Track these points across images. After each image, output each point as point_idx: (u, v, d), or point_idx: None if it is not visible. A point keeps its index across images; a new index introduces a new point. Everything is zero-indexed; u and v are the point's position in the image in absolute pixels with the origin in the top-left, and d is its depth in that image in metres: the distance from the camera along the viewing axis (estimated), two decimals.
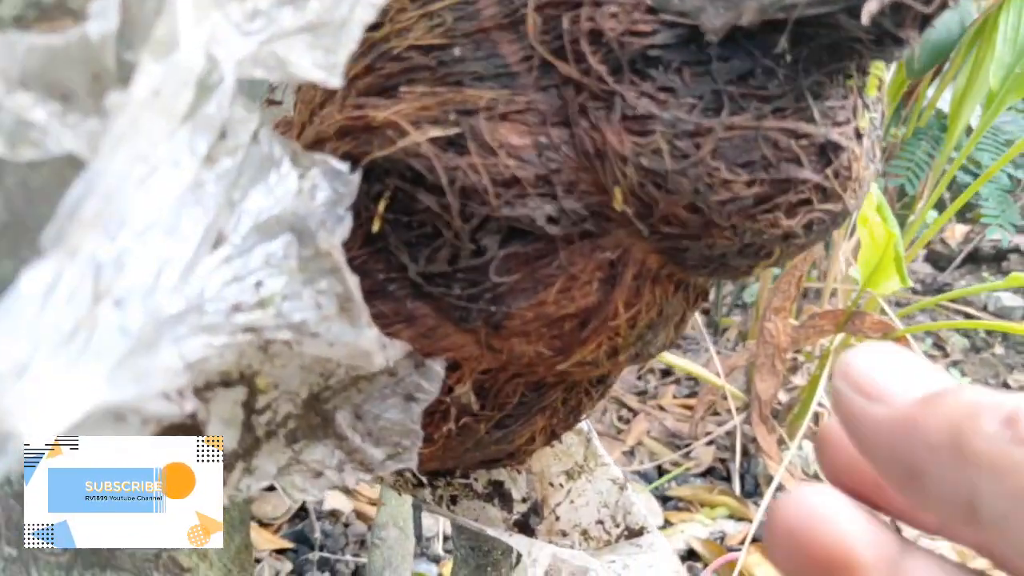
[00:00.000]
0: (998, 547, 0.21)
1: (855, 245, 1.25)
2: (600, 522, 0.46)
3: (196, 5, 0.22)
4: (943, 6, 0.30)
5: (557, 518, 0.47)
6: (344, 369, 0.33)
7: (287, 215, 0.27)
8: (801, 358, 1.43)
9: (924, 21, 0.30)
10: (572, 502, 0.46)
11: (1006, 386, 1.68)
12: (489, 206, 0.31)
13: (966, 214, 2.10)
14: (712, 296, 1.85)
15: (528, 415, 0.39)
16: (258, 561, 0.99)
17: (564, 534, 0.46)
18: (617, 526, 0.45)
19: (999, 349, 1.73)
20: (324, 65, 0.25)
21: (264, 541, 1.03)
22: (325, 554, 1.02)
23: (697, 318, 1.60)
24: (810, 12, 0.29)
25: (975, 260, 2.10)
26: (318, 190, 0.29)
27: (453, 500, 0.46)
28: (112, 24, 0.22)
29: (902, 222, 1.66)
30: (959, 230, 2.15)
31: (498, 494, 0.47)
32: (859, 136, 0.33)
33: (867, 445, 0.24)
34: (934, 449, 0.22)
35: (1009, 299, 1.75)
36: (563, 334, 0.35)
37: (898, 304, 1.78)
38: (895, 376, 0.24)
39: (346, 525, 1.08)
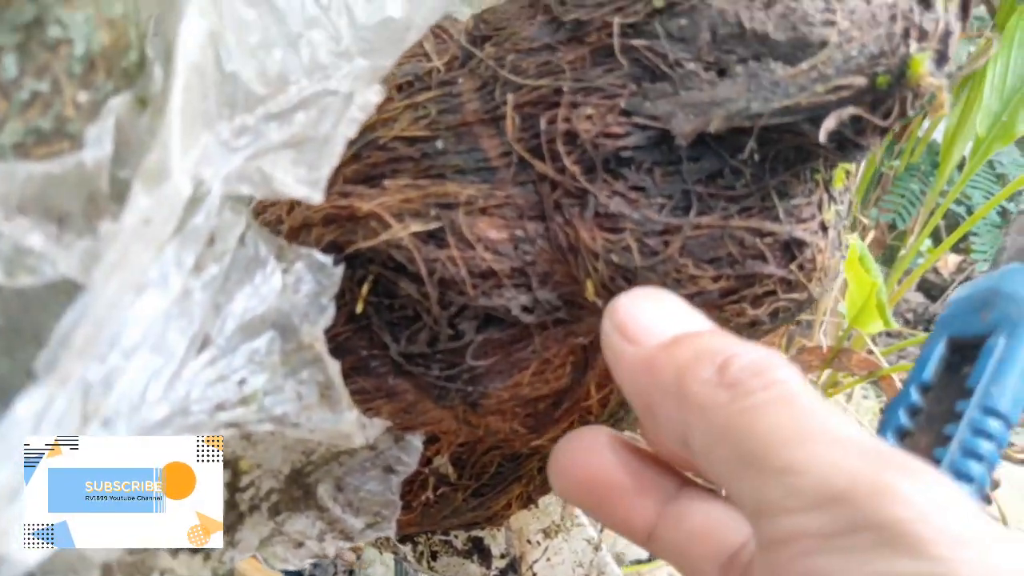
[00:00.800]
0: (707, 474, 0.25)
1: (845, 281, 1.26)
2: None
3: (186, 131, 0.24)
4: (901, 116, 0.31)
5: (534, 575, 0.48)
6: (325, 447, 0.34)
7: (271, 313, 0.28)
8: None
9: (884, 131, 0.32)
10: (549, 560, 0.48)
11: None
12: (467, 295, 0.33)
13: (959, 244, 2.11)
14: None
15: (505, 484, 0.41)
16: None
17: None
18: None
19: None
20: (307, 181, 0.26)
21: (253, 570, 1.04)
22: None
23: None
24: (774, 121, 0.30)
25: None
26: (302, 283, 0.30)
27: (434, 556, 0.48)
28: (106, 150, 0.23)
29: (894, 254, 1.68)
30: (952, 260, 2.16)
31: (477, 550, 0.48)
32: (824, 229, 0.35)
33: (621, 381, 0.27)
34: (663, 389, 0.26)
35: None
36: (537, 413, 0.36)
37: (889, 335, 1.79)
38: (651, 320, 0.27)
39: (337, 555, 1.09)
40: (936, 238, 1.83)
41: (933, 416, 0.34)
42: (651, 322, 0.27)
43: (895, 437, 0.34)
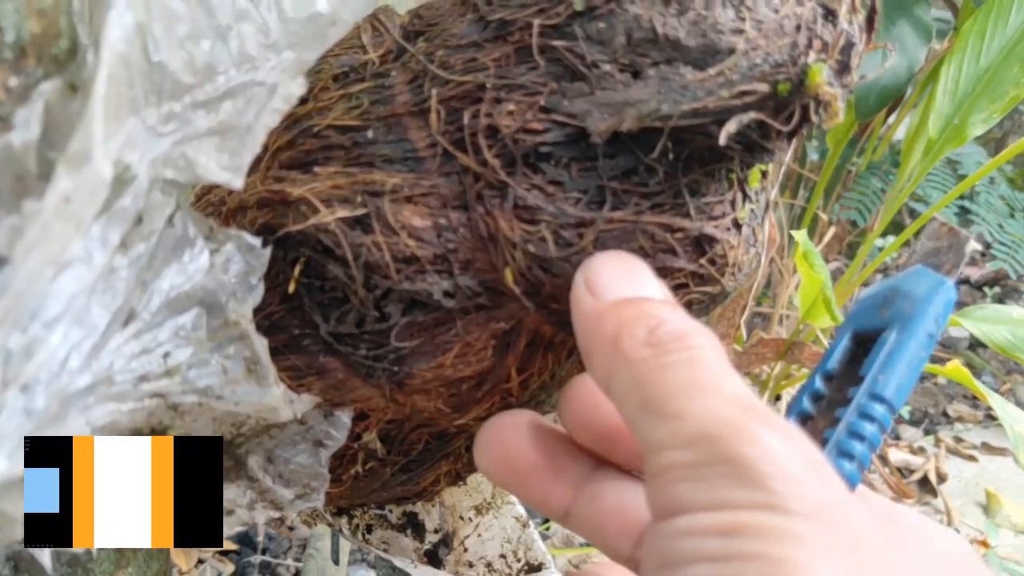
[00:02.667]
0: (621, 415, 0.29)
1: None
2: (503, 556, 0.49)
3: (110, 117, 0.25)
4: (804, 122, 0.33)
5: (465, 550, 0.50)
6: (255, 420, 0.36)
7: (197, 290, 0.30)
8: (748, 382, 1.47)
9: (790, 135, 0.34)
10: (480, 535, 0.50)
11: (945, 415, 1.73)
12: (390, 279, 0.34)
13: None
14: None
15: (432, 460, 0.42)
16: (201, 562, 1.01)
17: (471, 565, 0.49)
18: (518, 560, 0.49)
19: (940, 380, 1.79)
20: (229, 167, 0.27)
21: None
22: (267, 558, 1.05)
23: None
24: (683, 122, 0.32)
25: None
26: (232, 263, 0.32)
27: (368, 529, 0.50)
28: (34, 133, 0.25)
29: (855, 250, 1.71)
30: None
31: (412, 525, 0.50)
32: (738, 226, 0.37)
33: (574, 324, 0.32)
34: (602, 338, 0.30)
35: (956, 330, 1.81)
36: (460, 393, 0.38)
37: None
38: (614, 279, 0.31)
39: (291, 529, 1.11)
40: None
41: (832, 402, 0.36)
42: (614, 281, 0.31)
43: (797, 420, 0.36)
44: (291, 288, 0.37)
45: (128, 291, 0.27)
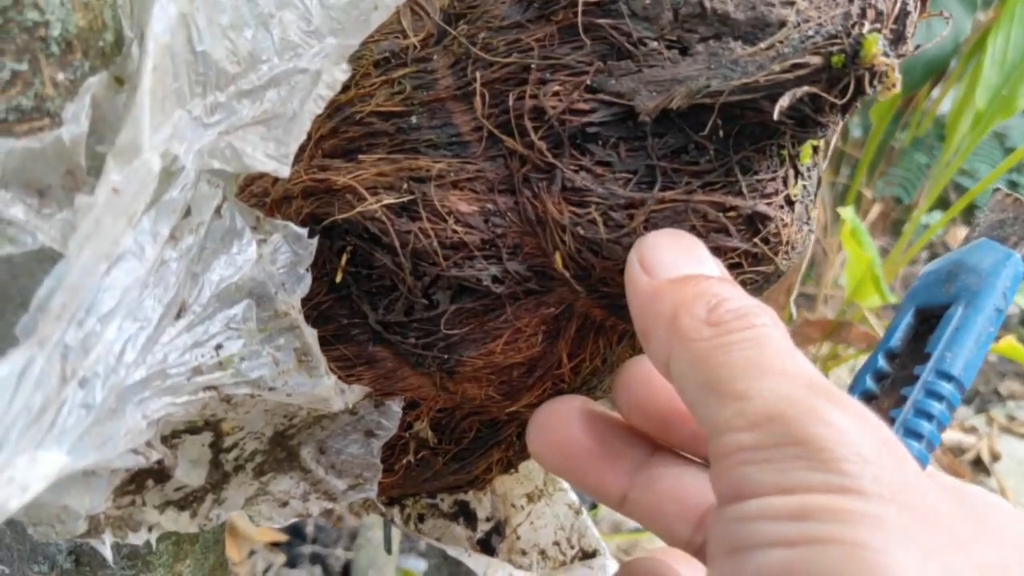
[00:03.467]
0: (681, 398, 0.28)
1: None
2: (556, 543, 0.49)
3: (157, 109, 0.25)
4: (859, 94, 0.32)
5: (518, 537, 0.49)
6: (306, 411, 0.36)
7: (247, 281, 0.30)
8: None
9: (844, 108, 0.33)
10: (532, 523, 0.49)
11: (997, 393, 1.70)
12: (439, 266, 0.34)
13: (969, 218, 2.11)
14: None
15: (484, 449, 0.42)
16: (252, 553, 1.02)
17: (524, 553, 0.49)
18: (572, 548, 0.48)
19: (992, 357, 1.75)
20: (275, 156, 0.27)
21: (259, 534, 1.06)
22: (317, 548, 1.06)
23: None
24: (734, 98, 0.31)
25: None
26: (279, 253, 0.32)
27: (420, 519, 0.49)
28: (83, 128, 0.25)
29: (900, 227, 1.68)
30: (960, 233, 2.16)
31: (464, 513, 0.50)
32: (790, 203, 0.36)
33: (630, 305, 0.31)
34: (660, 317, 0.29)
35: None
36: (511, 380, 0.37)
37: (895, 308, 1.79)
38: (669, 257, 0.31)
39: (339, 518, 1.12)
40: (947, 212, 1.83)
41: (897, 380, 0.35)
42: (668, 259, 0.31)
43: (861, 400, 0.35)
44: (338, 278, 0.36)
45: (179, 283, 0.27)
